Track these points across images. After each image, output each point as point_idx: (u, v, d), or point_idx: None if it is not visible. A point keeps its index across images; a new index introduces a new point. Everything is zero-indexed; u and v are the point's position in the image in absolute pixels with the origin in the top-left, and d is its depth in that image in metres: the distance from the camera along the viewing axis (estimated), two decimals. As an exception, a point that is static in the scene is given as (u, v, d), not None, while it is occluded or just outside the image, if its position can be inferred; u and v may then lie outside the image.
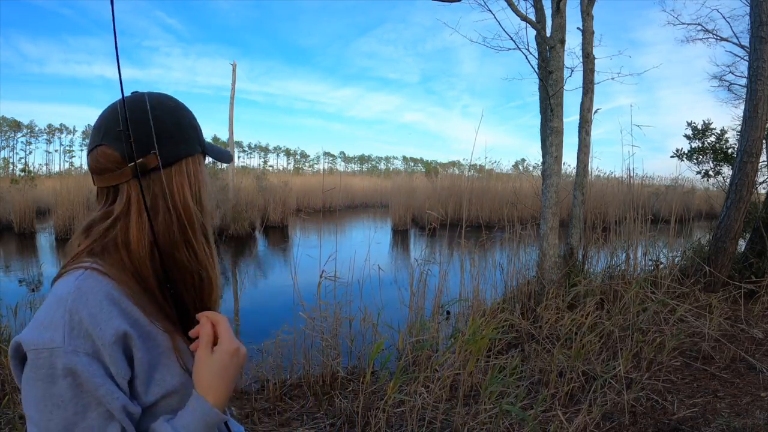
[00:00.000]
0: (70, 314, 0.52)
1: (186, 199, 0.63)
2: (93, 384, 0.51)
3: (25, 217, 10.66)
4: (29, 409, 0.52)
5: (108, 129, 0.61)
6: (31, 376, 0.52)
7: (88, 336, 0.52)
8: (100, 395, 0.51)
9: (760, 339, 3.55)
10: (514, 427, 2.26)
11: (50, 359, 0.51)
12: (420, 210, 12.64)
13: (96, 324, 0.53)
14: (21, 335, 0.53)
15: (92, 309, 0.54)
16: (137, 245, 0.60)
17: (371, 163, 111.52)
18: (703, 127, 6.61)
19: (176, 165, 0.63)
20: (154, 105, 0.63)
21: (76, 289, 0.54)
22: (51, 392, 0.51)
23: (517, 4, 4.30)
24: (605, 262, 4.83)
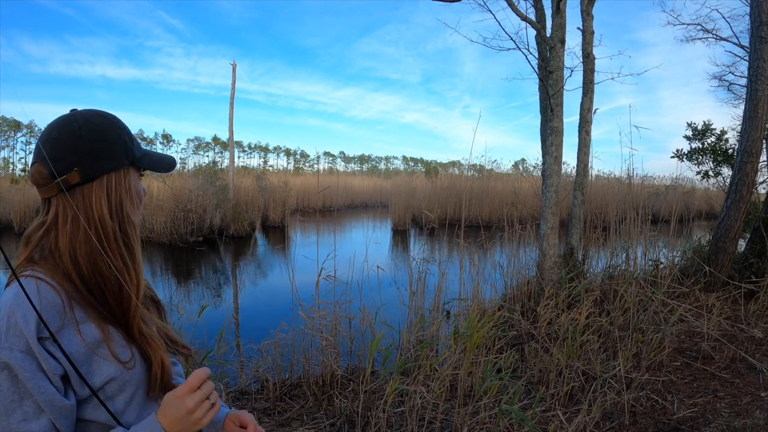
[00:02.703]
0: (8, 317, 0.61)
1: (102, 212, 0.69)
2: (24, 377, 0.59)
3: (25, 217, 10.66)
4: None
5: (40, 149, 0.68)
6: None
7: (22, 335, 0.60)
8: (30, 387, 0.59)
9: (759, 339, 3.55)
10: (514, 426, 2.26)
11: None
12: (420, 210, 12.64)
13: (27, 325, 0.60)
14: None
15: (26, 312, 0.61)
16: (65, 253, 0.67)
17: (371, 163, 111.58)
18: (703, 128, 6.61)
19: (98, 180, 0.69)
20: (81, 124, 0.69)
21: (14, 295, 0.62)
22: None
23: (517, 4, 4.30)
24: (605, 262, 4.83)
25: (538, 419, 2.44)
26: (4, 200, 11.21)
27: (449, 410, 2.49)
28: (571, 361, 2.83)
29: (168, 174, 13.50)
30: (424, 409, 2.35)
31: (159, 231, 9.64)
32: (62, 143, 0.67)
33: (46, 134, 0.69)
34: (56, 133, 0.68)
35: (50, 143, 0.67)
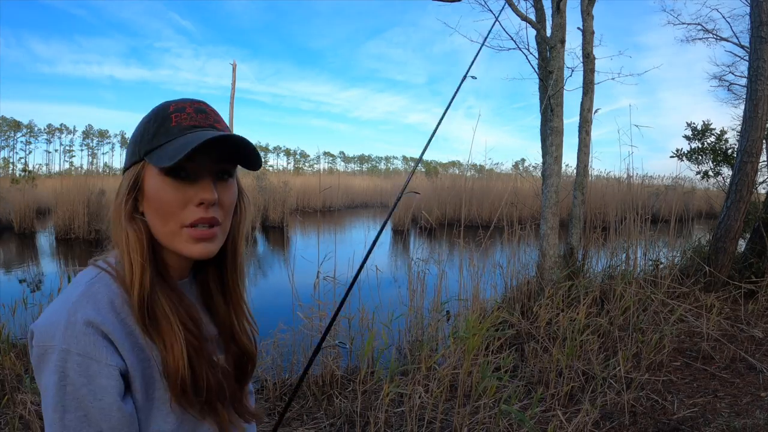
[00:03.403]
0: (68, 315, 0.55)
1: (122, 197, 0.63)
2: (79, 383, 0.54)
3: (25, 217, 10.65)
4: (41, 392, 0.56)
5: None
6: (36, 366, 0.56)
7: (84, 336, 0.54)
8: (81, 395, 0.54)
9: (759, 339, 3.55)
10: (513, 426, 2.26)
11: (48, 354, 0.54)
12: (420, 210, 12.63)
13: (91, 324, 0.55)
14: (34, 325, 0.57)
15: (89, 312, 0.55)
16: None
17: (371, 162, 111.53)
18: (702, 128, 6.61)
19: (127, 170, 0.65)
20: (138, 124, 0.67)
21: (81, 293, 0.57)
22: (48, 383, 0.54)
23: (517, 4, 4.30)
24: (605, 262, 4.83)
25: (537, 419, 2.44)
26: (4, 200, 11.20)
27: (449, 410, 2.49)
28: (571, 361, 2.83)
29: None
30: (424, 409, 2.35)
31: (159, 231, 9.65)
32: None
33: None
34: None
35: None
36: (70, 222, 9.77)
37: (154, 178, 0.60)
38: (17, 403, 2.34)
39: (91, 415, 0.54)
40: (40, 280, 6.38)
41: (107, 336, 0.55)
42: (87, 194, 9.95)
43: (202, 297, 0.71)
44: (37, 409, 2.39)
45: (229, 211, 0.66)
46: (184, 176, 0.60)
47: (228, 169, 0.64)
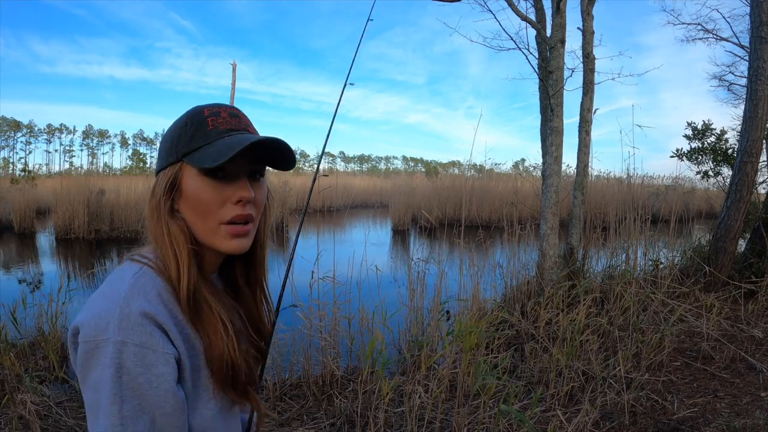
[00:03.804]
0: (121, 308, 0.56)
1: (146, 210, 0.67)
2: (135, 373, 0.55)
3: (25, 217, 10.64)
4: (85, 392, 0.56)
5: None
6: (85, 362, 0.56)
7: (139, 327, 0.56)
8: (138, 384, 0.55)
9: (759, 339, 3.55)
10: (513, 426, 2.26)
11: (102, 348, 0.55)
12: (420, 210, 12.63)
13: (147, 315, 0.57)
14: (79, 322, 0.58)
15: (142, 303, 0.57)
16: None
17: (371, 162, 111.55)
18: (702, 128, 6.61)
19: (155, 180, 0.68)
20: (169, 127, 0.70)
21: (129, 286, 0.58)
22: (101, 377, 0.54)
23: (517, 4, 4.30)
24: (605, 262, 4.83)
25: (537, 419, 2.44)
26: (4, 200, 11.20)
27: (449, 410, 2.49)
28: (571, 361, 2.83)
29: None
30: (424, 409, 2.35)
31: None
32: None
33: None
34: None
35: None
36: (70, 222, 9.76)
37: (194, 178, 0.64)
38: (17, 403, 2.34)
39: (145, 404, 0.55)
40: (39, 280, 6.38)
41: (161, 326, 0.57)
42: (87, 194, 9.95)
43: (227, 290, 0.75)
44: (38, 409, 2.39)
45: (261, 209, 0.70)
46: (222, 176, 0.64)
47: (261, 169, 0.69)
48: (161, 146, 0.68)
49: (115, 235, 10.06)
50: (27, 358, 3.09)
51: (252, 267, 0.76)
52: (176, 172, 0.64)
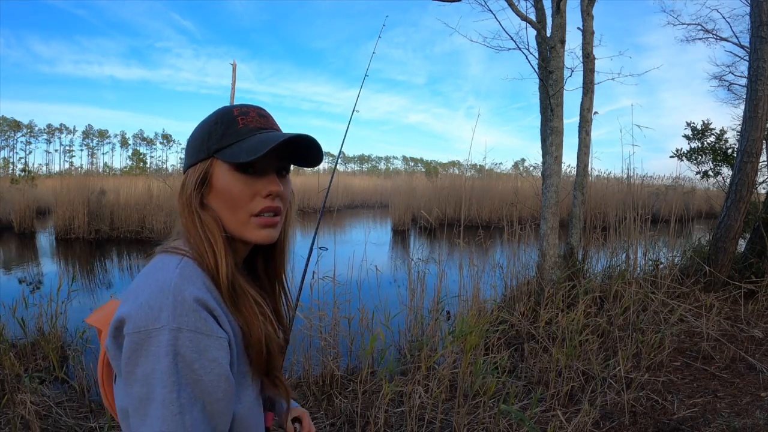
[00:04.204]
0: (174, 295, 0.56)
1: (178, 205, 0.68)
2: (190, 359, 0.55)
3: (25, 217, 10.65)
4: (132, 385, 0.55)
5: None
6: (133, 353, 0.55)
7: (193, 312, 0.56)
8: (193, 370, 0.55)
9: (759, 339, 3.55)
10: (513, 426, 2.26)
11: (154, 337, 0.54)
12: (420, 210, 12.63)
13: (200, 302, 0.58)
14: (124, 313, 0.57)
15: (194, 290, 0.58)
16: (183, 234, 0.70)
17: (371, 163, 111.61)
18: (702, 128, 6.61)
19: (189, 168, 0.70)
20: (198, 127, 0.71)
21: (178, 274, 0.59)
22: (155, 366, 0.54)
23: (517, 4, 4.30)
24: (605, 262, 4.83)
25: (537, 419, 2.44)
26: (4, 200, 11.20)
27: (449, 410, 2.49)
28: (571, 361, 2.83)
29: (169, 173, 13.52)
30: (424, 408, 2.35)
31: (159, 231, 9.65)
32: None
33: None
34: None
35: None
36: (70, 222, 9.76)
37: (225, 173, 0.66)
38: (17, 403, 2.34)
39: (198, 390, 0.55)
40: (40, 280, 6.38)
41: (212, 311, 0.59)
42: (87, 194, 9.95)
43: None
44: (37, 410, 2.39)
45: (287, 204, 0.73)
46: (252, 172, 0.67)
47: (287, 166, 0.72)
48: (189, 144, 0.71)
49: (115, 235, 10.06)
50: (27, 358, 3.09)
51: (273, 262, 0.78)
52: (207, 167, 0.67)
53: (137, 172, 28.80)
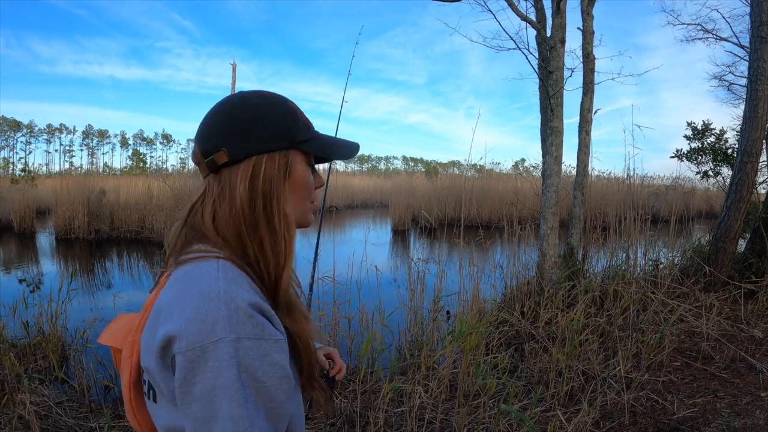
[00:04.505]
0: (226, 304, 0.53)
1: (243, 195, 0.63)
2: (253, 367, 0.53)
3: (25, 217, 10.65)
4: (189, 405, 0.52)
5: (197, 130, 0.68)
6: (189, 372, 0.51)
7: (250, 319, 0.54)
8: (257, 377, 0.53)
9: (759, 339, 3.55)
10: (513, 426, 2.26)
11: (211, 352, 0.51)
12: (420, 210, 12.64)
13: (255, 306, 0.55)
14: (172, 331, 0.53)
15: (246, 294, 0.55)
16: (209, 229, 0.63)
17: (371, 162, 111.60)
18: (702, 128, 6.61)
19: (246, 161, 0.64)
20: (236, 103, 0.66)
21: (224, 280, 0.56)
22: (217, 383, 0.51)
23: (517, 4, 4.30)
24: (605, 262, 4.83)
25: (537, 419, 2.44)
26: (4, 200, 11.20)
27: (449, 410, 2.49)
28: (571, 361, 2.83)
29: (169, 173, 13.51)
30: (424, 409, 2.35)
31: (159, 231, 9.65)
32: (215, 123, 0.66)
33: (206, 115, 0.68)
34: (212, 112, 0.67)
35: (205, 123, 0.67)
36: (70, 222, 9.76)
37: (301, 165, 0.68)
38: (17, 403, 2.34)
39: (261, 398, 0.53)
40: (40, 280, 6.38)
41: (266, 314, 0.56)
42: (87, 194, 9.95)
43: None
44: (37, 410, 2.39)
45: None
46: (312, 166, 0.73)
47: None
48: (251, 129, 0.64)
49: (115, 235, 10.06)
50: (27, 358, 3.09)
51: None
52: (289, 158, 0.66)
53: (137, 172, 28.80)
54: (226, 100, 0.68)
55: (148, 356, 0.56)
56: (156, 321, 0.56)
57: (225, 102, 0.68)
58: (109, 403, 2.65)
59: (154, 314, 0.57)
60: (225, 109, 0.66)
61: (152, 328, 0.56)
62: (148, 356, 0.56)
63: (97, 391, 2.83)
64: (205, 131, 0.66)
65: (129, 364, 0.62)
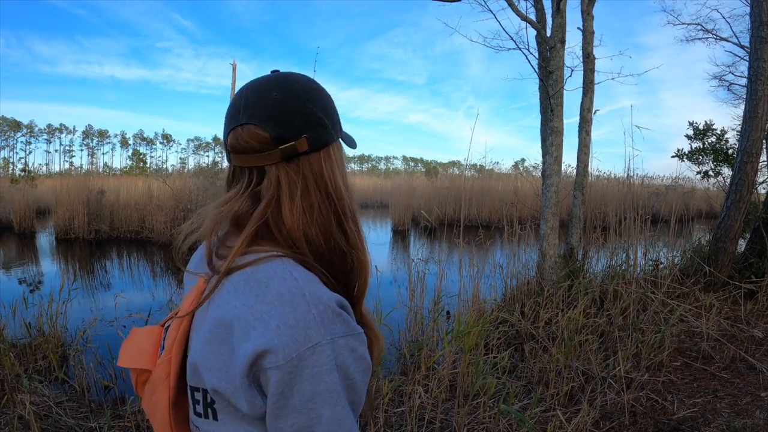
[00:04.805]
0: (314, 306, 0.50)
1: (337, 183, 0.61)
2: (346, 365, 0.51)
3: (25, 217, 10.65)
4: (286, 418, 0.49)
5: (257, 109, 0.58)
6: (287, 384, 0.49)
7: (338, 317, 0.52)
8: (350, 373, 0.52)
9: (759, 339, 3.55)
10: (513, 426, 2.26)
11: (308, 359, 0.49)
12: (420, 210, 12.64)
13: (339, 303, 0.53)
14: (264, 345, 0.49)
15: (327, 292, 0.53)
16: (296, 229, 0.57)
17: (371, 162, 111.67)
18: (704, 128, 6.61)
19: (324, 150, 0.61)
20: (303, 87, 0.61)
21: (302, 279, 0.53)
22: (317, 390, 0.49)
23: (517, 4, 4.30)
24: (605, 262, 4.83)
25: (537, 419, 2.44)
26: (4, 200, 11.20)
27: (449, 410, 2.49)
28: (571, 361, 2.83)
29: (169, 173, 13.51)
30: (424, 409, 2.35)
31: (159, 231, 9.65)
32: (289, 106, 0.58)
33: (261, 94, 0.59)
34: (277, 93, 0.59)
35: (273, 105, 0.58)
36: (70, 222, 9.77)
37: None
38: (17, 403, 2.34)
39: (351, 392, 0.52)
40: (40, 280, 6.38)
41: (346, 308, 0.54)
42: (87, 194, 9.95)
43: None
44: (37, 410, 2.39)
45: None
46: None
47: None
48: (323, 117, 0.61)
49: (115, 235, 10.06)
50: (27, 358, 3.09)
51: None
52: (339, 149, 0.64)
53: (137, 172, 28.81)
54: (288, 80, 0.61)
55: (218, 375, 0.52)
56: (228, 336, 0.51)
57: (288, 82, 0.61)
58: (109, 403, 2.65)
59: (219, 329, 0.52)
60: (296, 92, 0.60)
61: (221, 345, 0.52)
62: (217, 375, 0.52)
63: (97, 391, 2.83)
64: (281, 116, 0.58)
65: (166, 386, 0.57)
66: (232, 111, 0.61)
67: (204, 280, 0.58)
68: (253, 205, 0.59)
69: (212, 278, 0.56)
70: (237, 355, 0.50)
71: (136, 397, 2.48)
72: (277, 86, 0.60)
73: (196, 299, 0.57)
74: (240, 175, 0.61)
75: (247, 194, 0.59)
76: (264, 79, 0.61)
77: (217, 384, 0.52)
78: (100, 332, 3.64)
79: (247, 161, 0.59)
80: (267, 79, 0.61)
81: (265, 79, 0.61)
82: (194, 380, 0.55)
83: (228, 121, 0.61)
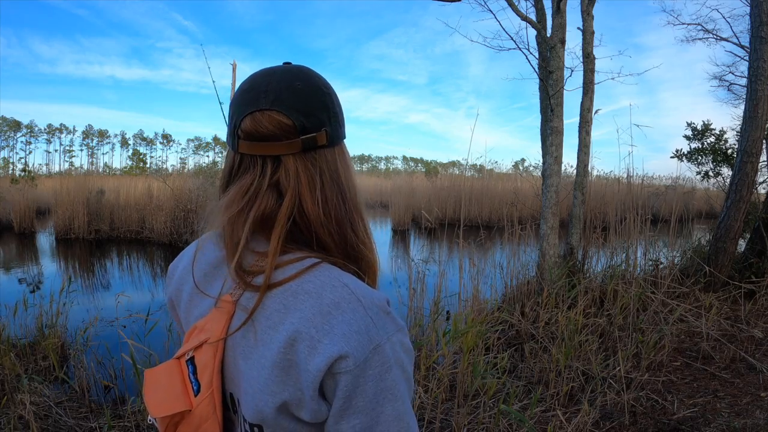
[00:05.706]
0: (369, 308, 0.51)
1: (351, 179, 0.60)
2: (401, 359, 0.52)
3: (25, 217, 10.65)
4: (351, 418, 0.49)
5: (282, 95, 0.55)
6: (355, 387, 0.49)
7: (388, 316, 0.53)
8: (405, 366, 0.53)
9: (759, 339, 3.55)
10: (513, 426, 2.26)
11: (371, 360, 0.49)
12: (420, 210, 12.64)
13: (387, 301, 0.54)
14: (338, 353, 0.48)
15: (375, 293, 0.54)
16: (317, 223, 0.55)
17: (371, 162, 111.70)
18: (702, 128, 6.62)
19: (338, 145, 0.60)
20: (323, 81, 0.60)
21: (351, 283, 0.53)
22: (379, 388, 0.50)
23: (517, 4, 4.30)
24: (605, 262, 4.83)
25: (537, 419, 2.44)
26: (4, 200, 11.19)
27: (449, 410, 2.49)
28: (571, 361, 2.83)
29: (169, 173, 13.50)
30: (424, 409, 2.35)
31: (159, 231, 9.65)
32: (312, 97, 0.57)
33: (286, 82, 0.56)
34: (301, 83, 0.56)
35: (298, 94, 0.56)
36: (70, 222, 9.77)
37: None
38: (17, 403, 2.34)
39: (409, 383, 0.54)
40: (40, 280, 6.38)
41: (390, 303, 0.55)
42: (87, 194, 9.96)
43: None
44: (37, 410, 2.39)
45: None
46: None
47: None
48: (340, 112, 0.61)
49: (115, 235, 10.06)
50: (27, 358, 3.09)
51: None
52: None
53: (137, 172, 28.79)
54: (307, 72, 0.59)
55: (281, 396, 0.50)
56: (292, 355, 0.50)
57: (308, 74, 0.59)
58: (109, 403, 2.65)
59: (285, 348, 0.50)
60: (318, 84, 0.58)
61: (290, 365, 0.50)
62: (280, 396, 0.50)
63: (97, 391, 2.83)
64: (305, 106, 0.56)
65: (215, 421, 0.54)
66: (249, 95, 0.56)
67: (231, 300, 0.55)
68: (278, 200, 0.55)
69: (243, 295, 0.54)
70: (306, 371, 0.49)
71: (136, 397, 2.48)
72: (299, 77, 0.57)
73: (226, 322, 0.54)
74: (250, 164, 0.57)
75: (268, 187, 0.55)
76: (283, 68, 0.59)
77: (284, 400, 0.51)
78: (101, 332, 3.64)
79: (264, 149, 0.55)
80: (287, 69, 0.58)
81: (285, 68, 0.58)
82: (251, 413, 0.53)
83: (243, 106, 0.56)
